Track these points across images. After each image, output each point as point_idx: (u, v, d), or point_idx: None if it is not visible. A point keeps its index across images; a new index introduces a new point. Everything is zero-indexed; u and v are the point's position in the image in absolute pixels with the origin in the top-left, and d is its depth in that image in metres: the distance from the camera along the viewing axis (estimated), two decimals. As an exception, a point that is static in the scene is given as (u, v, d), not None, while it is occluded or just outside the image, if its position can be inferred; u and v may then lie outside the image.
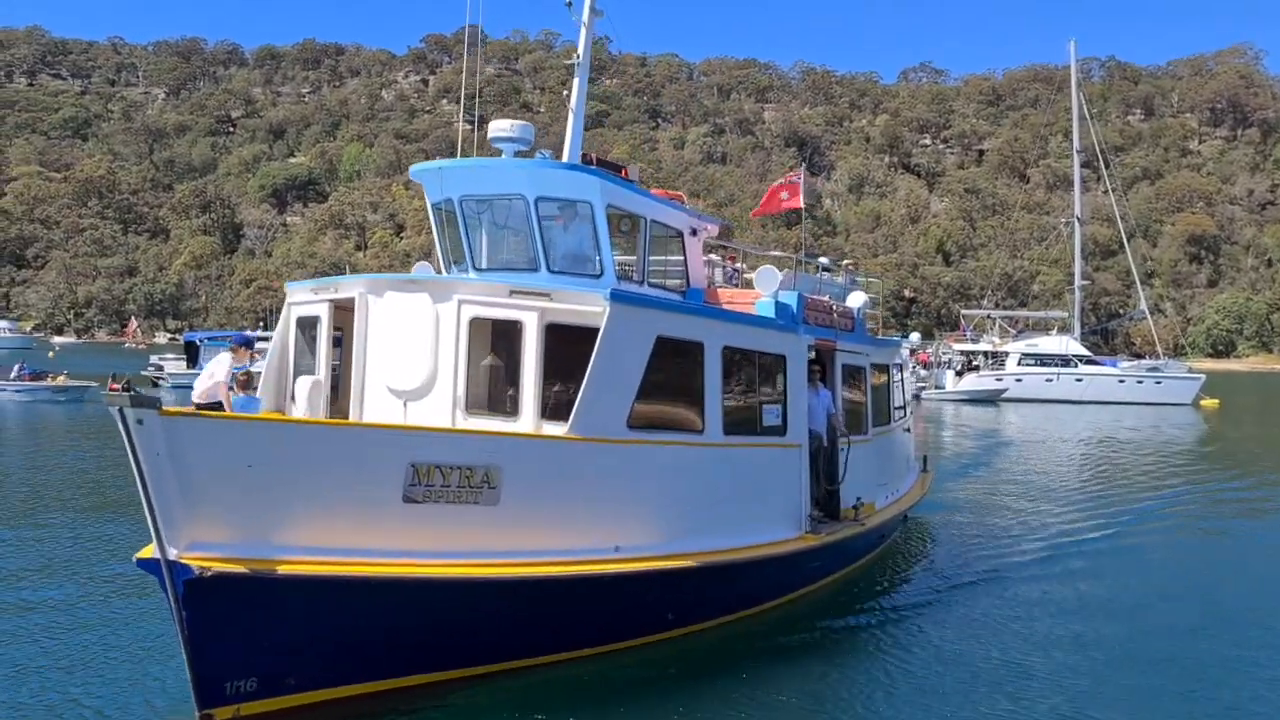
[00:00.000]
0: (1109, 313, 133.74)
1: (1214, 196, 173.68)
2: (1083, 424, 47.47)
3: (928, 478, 20.09)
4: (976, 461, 31.28)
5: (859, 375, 15.60)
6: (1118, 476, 28.43)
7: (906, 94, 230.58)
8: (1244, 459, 35.02)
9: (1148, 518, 21.01)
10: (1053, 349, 66.57)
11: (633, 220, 12.51)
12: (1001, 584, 14.76)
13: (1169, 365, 68.51)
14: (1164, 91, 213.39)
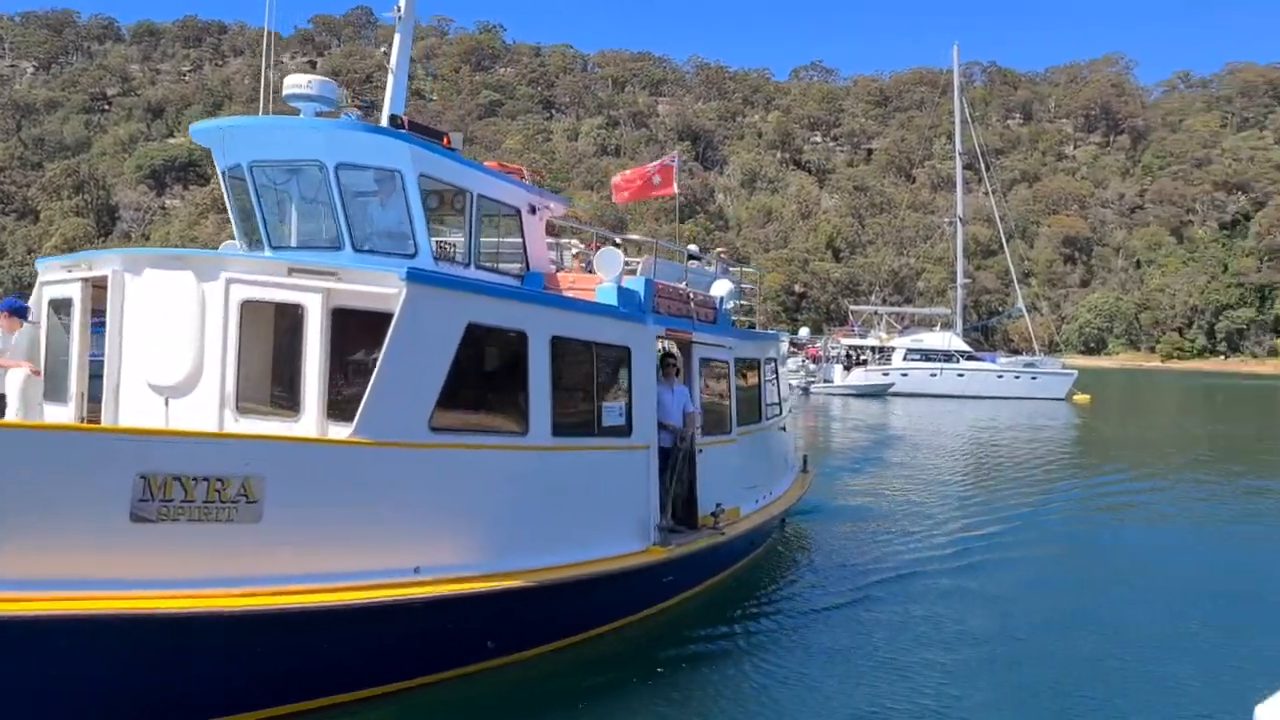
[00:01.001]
0: (989, 310, 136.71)
1: (1087, 200, 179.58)
2: (964, 418, 48.07)
3: (808, 478, 19.05)
4: (863, 457, 31.06)
5: (722, 370, 14.42)
6: (997, 472, 28.49)
7: (798, 91, 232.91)
8: (1113, 453, 35.56)
9: (1025, 514, 20.86)
10: (936, 345, 67.62)
11: (457, 194, 11.07)
12: (880, 586, 14.17)
13: (1044, 361, 70.05)
14: (1042, 97, 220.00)
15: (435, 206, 11.10)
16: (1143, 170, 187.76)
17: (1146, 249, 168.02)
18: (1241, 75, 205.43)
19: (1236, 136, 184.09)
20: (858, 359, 67.92)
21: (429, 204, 10.81)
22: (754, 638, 11.70)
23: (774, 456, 17.10)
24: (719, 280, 15.66)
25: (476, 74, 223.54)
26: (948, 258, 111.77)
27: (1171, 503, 23.90)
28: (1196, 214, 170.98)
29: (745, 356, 15.58)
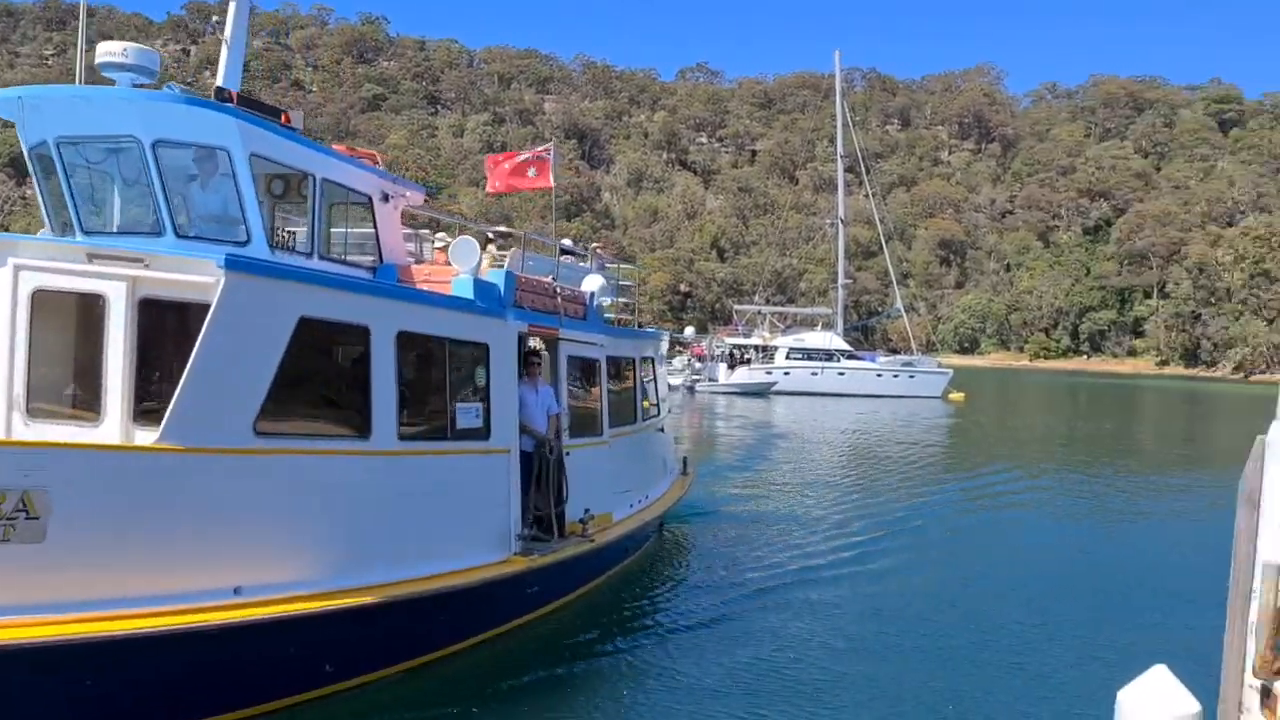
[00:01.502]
0: (869, 310, 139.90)
1: (961, 204, 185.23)
2: (845, 416, 48.71)
3: (688, 480, 18.53)
4: (746, 456, 31.05)
5: (592, 369, 13.83)
6: (876, 470, 28.79)
7: (684, 92, 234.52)
8: (986, 450, 36.39)
9: (903, 513, 20.98)
10: (818, 344, 68.57)
11: (300, 179, 10.21)
12: (759, 589, 13.93)
13: (921, 360, 71.65)
14: (919, 104, 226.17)
15: (281, 193, 10.28)
16: (1012, 177, 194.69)
17: (1016, 252, 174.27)
18: (1104, 87, 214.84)
19: (1099, 146, 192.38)
20: (742, 358, 68.42)
21: (273, 189, 10.03)
22: (626, 649, 11.27)
23: (651, 458, 16.51)
24: (590, 275, 15.01)
25: (359, 66, 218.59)
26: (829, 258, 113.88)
27: (1039, 498, 24.53)
28: (1062, 219, 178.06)
29: (619, 355, 15.01)
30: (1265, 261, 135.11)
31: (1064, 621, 12.98)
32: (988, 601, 13.94)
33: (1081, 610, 13.61)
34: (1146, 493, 26.71)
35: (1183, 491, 26.83)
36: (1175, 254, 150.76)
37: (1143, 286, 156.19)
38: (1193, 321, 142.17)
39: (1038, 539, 19.37)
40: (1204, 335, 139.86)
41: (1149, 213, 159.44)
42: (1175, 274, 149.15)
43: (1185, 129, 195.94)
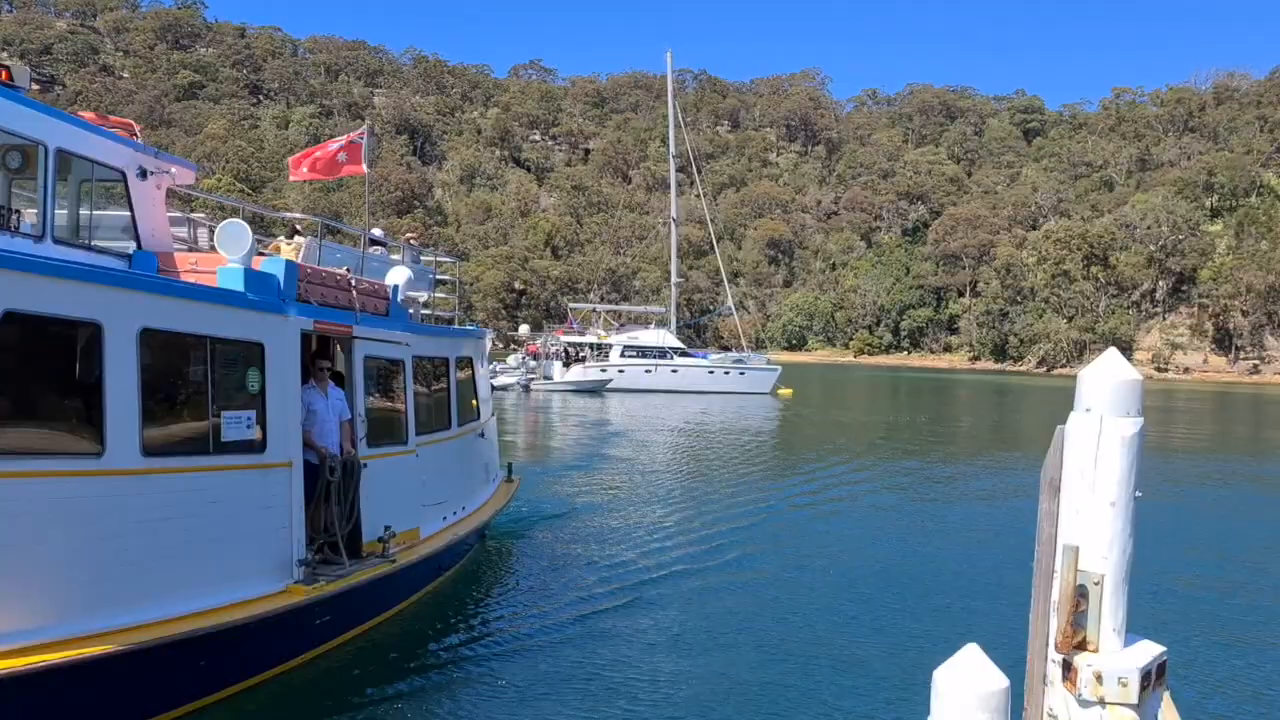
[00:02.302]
0: (701, 308, 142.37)
1: (789, 205, 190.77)
2: (678, 413, 49.24)
3: (512, 487, 17.47)
4: (581, 455, 30.80)
5: (395, 371, 12.53)
6: (708, 467, 28.98)
7: (517, 89, 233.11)
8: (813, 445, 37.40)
9: (733, 510, 21.08)
10: (651, 342, 69.13)
11: (27, 148, 8.88)
12: (586, 599, 13.43)
13: (751, 357, 73.24)
14: (748, 106, 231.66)
15: (18, 166, 8.99)
16: (837, 179, 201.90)
17: (841, 252, 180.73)
18: (920, 95, 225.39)
19: (916, 151, 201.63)
20: (576, 356, 68.42)
21: (9, 162, 8.82)
22: (447, 664, 10.67)
23: (469, 466, 15.31)
24: (396, 268, 13.81)
25: (174, 52, 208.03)
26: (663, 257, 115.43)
27: (863, 490, 25.06)
28: (883, 221, 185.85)
29: (430, 355, 13.76)
30: (1065, 263, 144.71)
31: (885, 610, 13.32)
32: (813, 595, 14.11)
33: (902, 598, 13.99)
34: (960, 481, 28.07)
35: (992, 479, 28.31)
36: (985, 255, 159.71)
37: (956, 285, 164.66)
38: (1001, 319, 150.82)
39: (861, 530, 19.79)
40: (1011, 332, 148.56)
41: (961, 216, 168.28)
42: (985, 274, 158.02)
43: (993, 137, 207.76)
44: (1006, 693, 3.47)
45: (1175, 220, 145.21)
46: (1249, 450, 41.99)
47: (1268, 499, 26.75)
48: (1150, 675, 3.59)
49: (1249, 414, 69.10)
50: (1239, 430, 53.66)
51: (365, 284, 12.18)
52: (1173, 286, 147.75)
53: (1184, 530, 19.60)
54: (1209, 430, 51.49)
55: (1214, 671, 11.12)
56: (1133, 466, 3.62)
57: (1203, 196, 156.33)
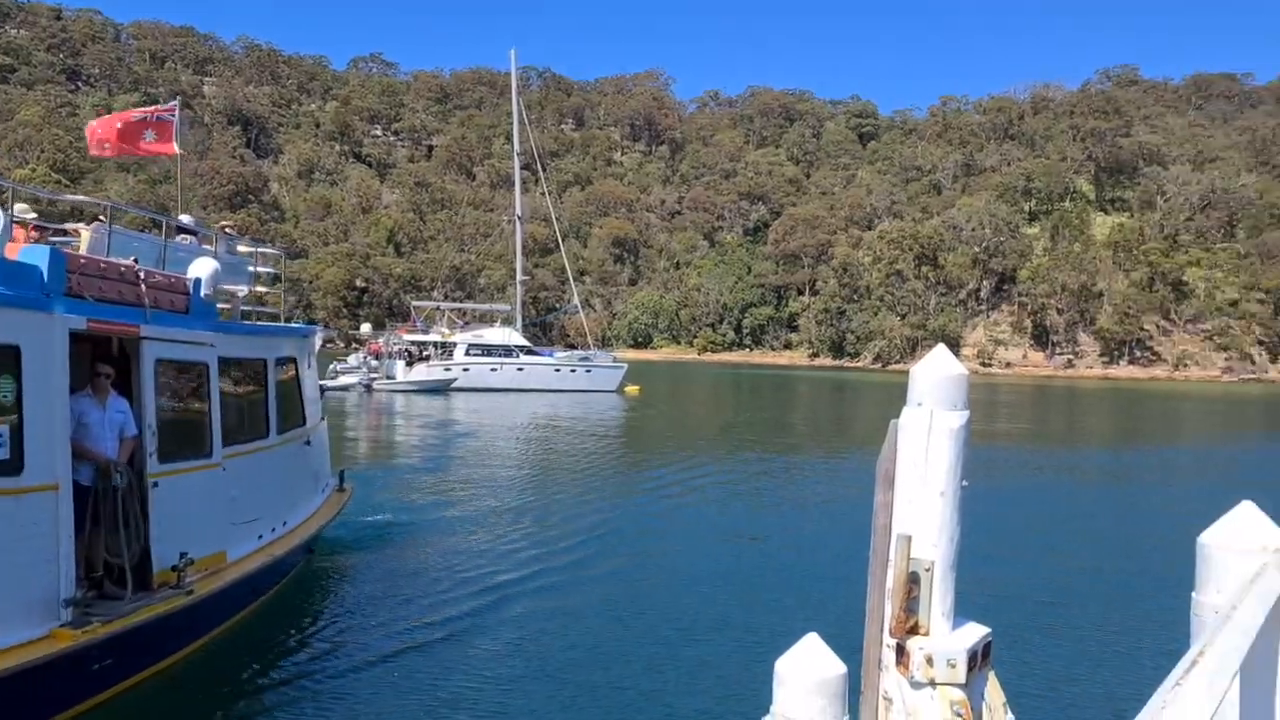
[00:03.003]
0: (547, 306, 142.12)
1: (634, 204, 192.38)
2: (525, 411, 48.94)
3: (344, 497, 16.13)
4: (425, 458, 30.04)
5: (196, 375, 11.14)
6: (556, 468, 28.86)
7: (357, 82, 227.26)
8: (660, 442, 37.80)
9: (580, 508, 20.98)
10: (497, 340, 68.46)
11: None
12: (425, 615, 12.62)
13: (597, 355, 73.50)
14: (593, 105, 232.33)
15: None
16: (680, 179, 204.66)
17: (685, 251, 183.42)
18: (761, 98, 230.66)
19: (757, 152, 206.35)
20: (420, 355, 67.21)
21: None
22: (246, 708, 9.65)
23: (292, 477, 14.00)
24: (200, 259, 12.35)
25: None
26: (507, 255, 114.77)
27: (707, 486, 25.37)
28: (726, 220, 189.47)
29: (242, 356, 12.41)
30: (898, 262, 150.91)
31: (730, 605, 13.45)
32: (657, 594, 14.11)
33: (746, 593, 14.20)
34: (801, 475, 28.86)
35: (832, 473, 29.24)
36: (823, 255, 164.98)
37: (796, 284, 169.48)
38: (838, 317, 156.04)
39: (705, 527, 19.99)
40: (848, 329, 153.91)
41: (800, 216, 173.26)
42: (823, 273, 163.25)
43: (830, 140, 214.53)
44: (844, 678, 3.60)
45: (997, 223, 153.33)
46: (1064, 441, 44.70)
47: (1081, 487, 28.53)
48: (977, 656, 3.76)
49: (1064, 406, 73.58)
50: (1055, 422, 57.05)
51: (159, 277, 10.79)
52: (995, 286, 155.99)
53: (1007, 517, 20.67)
54: (1028, 422, 54.53)
55: (1034, 650, 11.77)
56: (960, 457, 3.79)
57: (1021, 201, 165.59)
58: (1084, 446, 41.89)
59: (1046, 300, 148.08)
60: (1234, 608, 2.71)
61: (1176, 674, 2.07)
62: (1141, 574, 16.20)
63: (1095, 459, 36.67)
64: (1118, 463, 35.63)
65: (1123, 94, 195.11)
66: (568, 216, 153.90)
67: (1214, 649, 2.27)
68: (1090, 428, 53.72)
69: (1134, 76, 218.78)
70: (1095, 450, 40.43)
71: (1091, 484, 29.15)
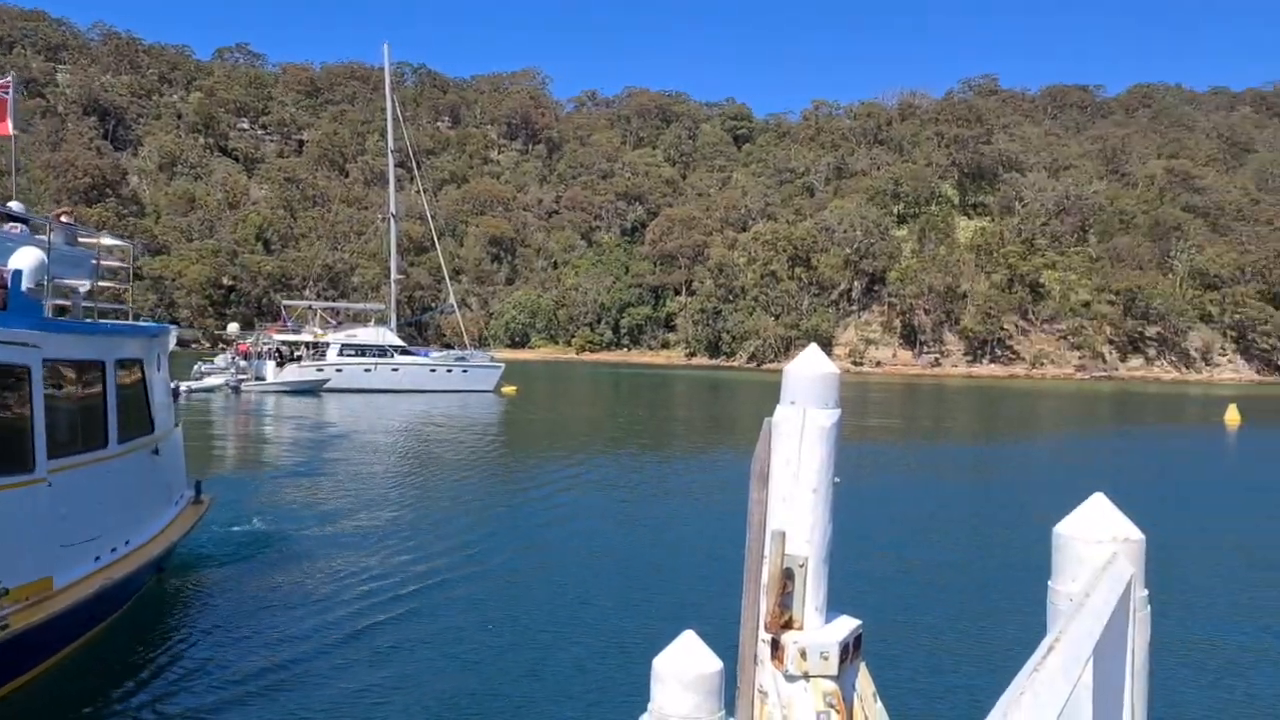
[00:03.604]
0: (423, 306, 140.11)
1: (511, 203, 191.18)
2: (400, 413, 48.15)
3: (201, 508, 15.04)
4: (295, 462, 29.05)
5: (15, 379, 10.09)
6: (431, 471, 28.42)
7: (223, 73, 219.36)
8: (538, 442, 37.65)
9: (457, 514, 20.68)
10: (371, 340, 67.21)
11: None
12: (283, 631, 12.00)
13: (474, 355, 72.84)
14: (469, 103, 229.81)
15: None
16: (558, 178, 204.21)
17: (562, 250, 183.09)
18: (638, 99, 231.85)
19: (634, 153, 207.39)
20: (291, 355, 65.47)
21: None
22: None
23: (136, 490, 12.89)
24: (22, 249, 11.13)
25: None
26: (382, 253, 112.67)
27: (586, 485, 25.44)
28: (603, 220, 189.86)
29: (75, 357, 11.29)
30: (772, 263, 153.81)
31: (608, 606, 13.46)
32: (536, 598, 13.99)
33: (624, 592, 14.23)
34: (678, 474, 29.12)
35: (708, 471, 29.57)
36: (699, 255, 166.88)
37: (673, 284, 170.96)
38: (715, 317, 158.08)
39: (583, 527, 19.94)
40: (724, 329, 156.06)
41: (677, 217, 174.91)
42: (700, 273, 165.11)
43: (706, 141, 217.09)
44: (720, 674, 3.64)
45: (867, 225, 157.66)
46: (931, 437, 46.25)
47: (946, 482, 29.57)
48: (848, 648, 3.85)
49: (932, 403, 76.14)
50: (923, 419, 58.97)
51: None
52: (866, 286, 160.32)
53: (878, 513, 21.26)
54: (898, 419, 56.24)
55: (902, 641, 12.13)
56: (832, 455, 3.87)
57: (890, 204, 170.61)
58: (950, 443, 43.42)
59: (914, 301, 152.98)
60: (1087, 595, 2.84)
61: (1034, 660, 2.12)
62: (1003, 565, 16.89)
63: (960, 454, 38.06)
64: (981, 458, 37.06)
65: (984, 103, 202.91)
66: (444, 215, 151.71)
67: (1069, 634, 2.35)
68: (956, 424, 55.73)
69: (994, 87, 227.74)
70: (960, 446, 41.96)
71: (956, 479, 30.24)
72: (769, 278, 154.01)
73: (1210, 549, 18.91)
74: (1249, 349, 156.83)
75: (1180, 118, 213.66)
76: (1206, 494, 27.30)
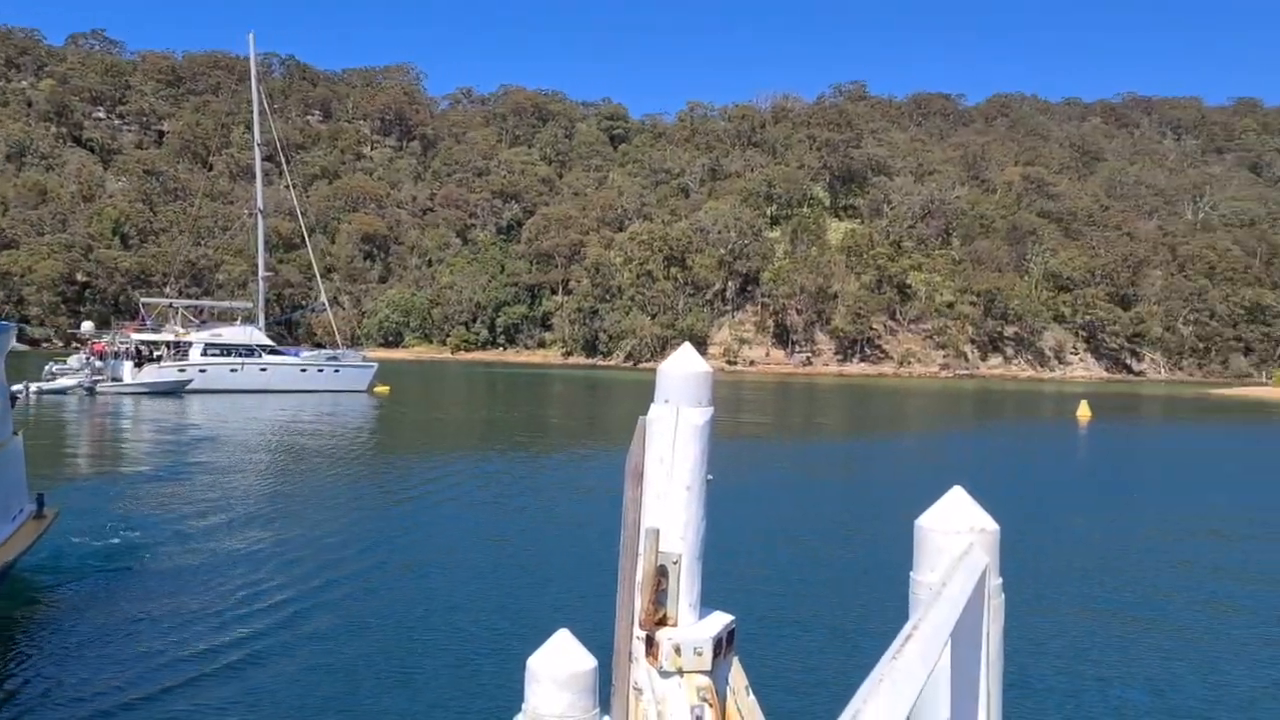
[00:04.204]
0: (293, 304, 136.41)
1: (384, 200, 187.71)
2: (268, 414, 46.76)
3: (44, 524, 14.03)
4: (154, 469, 27.53)
5: None
6: (300, 475, 27.54)
7: (76, 60, 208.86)
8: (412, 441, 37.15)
9: (327, 520, 20.07)
10: (238, 339, 65.16)
11: None
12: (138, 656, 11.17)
13: (346, 355, 71.36)
14: (340, 97, 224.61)
15: None
16: (432, 175, 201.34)
17: (437, 248, 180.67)
18: (514, 97, 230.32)
19: (510, 151, 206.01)
20: (150, 355, 62.88)
21: None
22: None
23: None
24: None
25: None
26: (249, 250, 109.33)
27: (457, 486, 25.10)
28: (479, 218, 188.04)
29: None
30: (648, 263, 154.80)
31: (485, 608, 13.32)
32: (409, 603, 13.70)
33: (500, 594, 14.11)
34: (554, 473, 29.10)
35: (584, 469, 29.58)
36: (576, 254, 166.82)
37: (550, 283, 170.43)
38: (591, 316, 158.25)
39: (459, 529, 19.71)
40: (601, 328, 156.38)
41: (553, 216, 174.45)
42: (576, 273, 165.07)
43: (582, 141, 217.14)
44: (594, 672, 3.67)
45: (741, 226, 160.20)
46: (802, 434, 47.31)
47: (817, 478, 30.29)
48: (721, 643, 3.91)
49: (804, 402, 77.89)
50: (795, 416, 60.28)
51: None
52: (740, 287, 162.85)
53: (750, 509, 21.64)
54: (771, 417, 57.34)
55: (774, 634, 12.39)
56: (705, 452, 3.93)
57: (764, 205, 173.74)
58: (820, 440, 44.47)
59: (787, 301, 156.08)
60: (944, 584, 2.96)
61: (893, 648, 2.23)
62: (869, 557, 17.39)
63: (830, 451, 39.02)
64: (850, 454, 38.08)
65: (853, 108, 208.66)
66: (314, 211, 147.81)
67: (926, 623, 2.43)
68: (827, 422, 57.11)
69: (863, 92, 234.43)
70: (830, 443, 43.02)
71: (827, 475, 31.00)
72: (645, 277, 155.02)
73: (1061, 538, 19.87)
74: (1099, 348, 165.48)
75: (1036, 127, 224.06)
76: (1059, 486, 28.69)
